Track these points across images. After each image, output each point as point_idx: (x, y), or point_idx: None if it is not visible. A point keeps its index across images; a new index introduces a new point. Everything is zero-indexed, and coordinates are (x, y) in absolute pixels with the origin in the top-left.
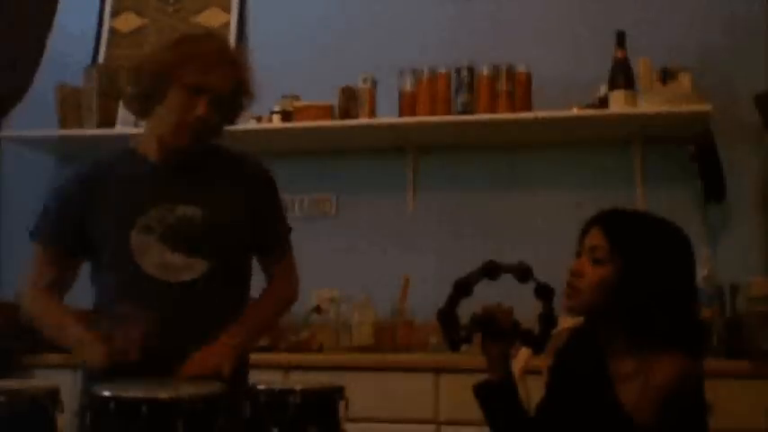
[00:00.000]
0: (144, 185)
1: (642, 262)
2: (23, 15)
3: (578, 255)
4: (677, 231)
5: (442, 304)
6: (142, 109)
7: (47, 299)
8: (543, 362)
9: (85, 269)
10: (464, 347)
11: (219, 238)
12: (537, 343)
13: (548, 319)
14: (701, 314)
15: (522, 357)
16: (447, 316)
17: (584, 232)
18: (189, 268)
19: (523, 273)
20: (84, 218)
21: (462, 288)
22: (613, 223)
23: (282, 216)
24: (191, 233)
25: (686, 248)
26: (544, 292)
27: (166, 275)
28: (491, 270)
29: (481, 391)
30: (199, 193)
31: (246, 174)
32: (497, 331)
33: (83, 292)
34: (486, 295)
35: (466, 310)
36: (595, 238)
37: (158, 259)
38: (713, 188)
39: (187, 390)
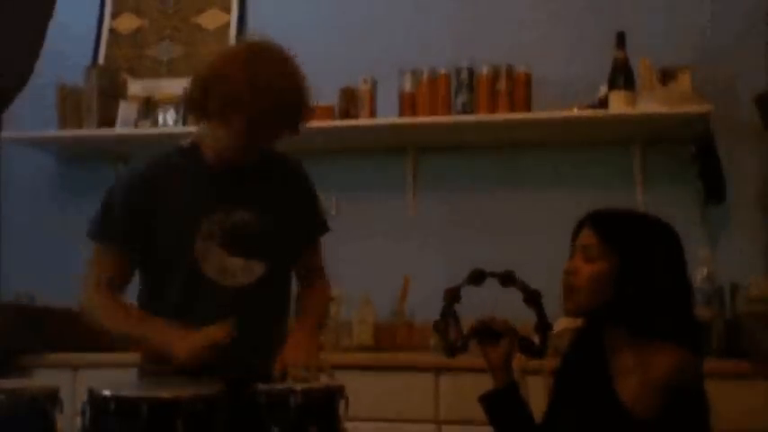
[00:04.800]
0: (203, 189)
1: (636, 256)
2: (23, 3)
3: (571, 256)
4: (666, 226)
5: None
6: (201, 117)
7: (115, 300)
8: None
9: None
10: (461, 354)
11: (274, 240)
12: (536, 351)
13: (543, 326)
14: (695, 309)
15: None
16: (442, 324)
17: (576, 234)
18: (248, 271)
19: (505, 278)
20: (149, 218)
21: (452, 295)
22: (603, 221)
23: (321, 205)
24: (248, 237)
25: (677, 242)
26: (532, 298)
27: (225, 279)
28: (477, 277)
29: (487, 401)
30: (253, 197)
31: (290, 173)
32: (496, 335)
33: None
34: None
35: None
36: (586, 237)
37: (218, 263)
38: (713, 188)
39: (187, 390)
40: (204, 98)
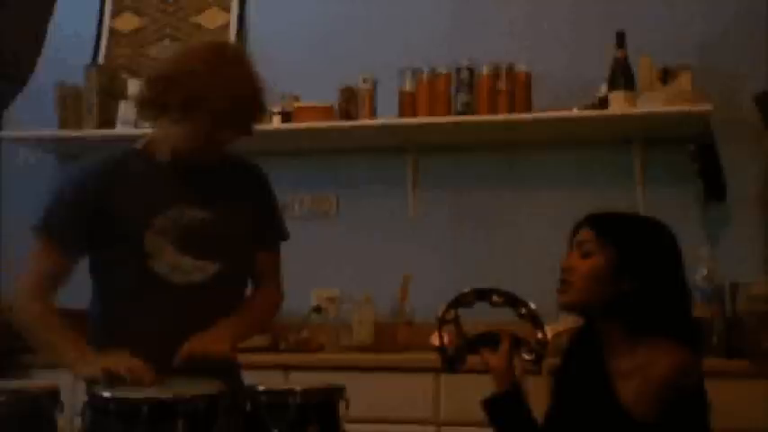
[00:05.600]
0: (156, 187)
1: (632, 251)
2: (23, 3)
3: (567, 255)
4: (663, 226)
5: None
6: (156, 117)
7: (47, 304)
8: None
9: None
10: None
11: (228, 240)
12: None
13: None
14: (693, 307)
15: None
16: (439, 348)
17: (573, 235)
18: (199, 270)
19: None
20: (95, 216)
21: (441, 321)
22: (600, 219)
23: (280, 212)
24: (202, 236)
25: (673, 241)
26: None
27: (177, 277)
28: (482, 295)
29: (489, 405)
30: (208, 196)
31: (247, 175)
32: (494, 340)
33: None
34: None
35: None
36: (583, 234)
37: (170, 261)
38: (713, 188)
39: (188, 390)
40: (165, 95)
